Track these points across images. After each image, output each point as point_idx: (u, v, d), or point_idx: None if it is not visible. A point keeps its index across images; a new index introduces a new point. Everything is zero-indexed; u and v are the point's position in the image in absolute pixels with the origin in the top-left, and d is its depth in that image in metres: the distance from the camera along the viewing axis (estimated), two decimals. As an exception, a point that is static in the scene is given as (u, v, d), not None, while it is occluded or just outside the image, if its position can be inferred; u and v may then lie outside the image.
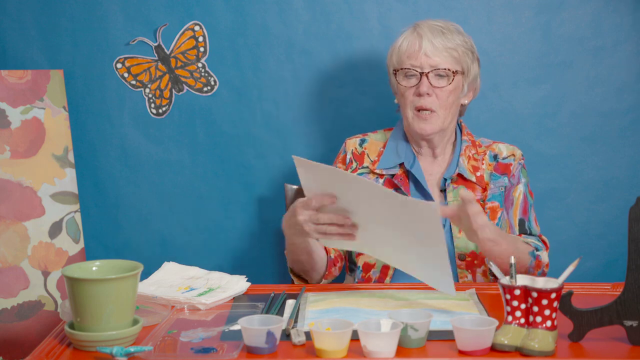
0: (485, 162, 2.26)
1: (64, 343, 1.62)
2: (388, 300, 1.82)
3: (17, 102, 2.61)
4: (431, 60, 2.17)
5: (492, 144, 2.30)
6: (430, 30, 2.19)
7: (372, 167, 2.26)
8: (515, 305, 1.54)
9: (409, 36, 2.21)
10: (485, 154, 2.27)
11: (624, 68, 2.68)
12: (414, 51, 2.18)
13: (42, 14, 2.68)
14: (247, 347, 1.53)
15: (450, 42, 2.18)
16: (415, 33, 2.20)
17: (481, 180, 2.22)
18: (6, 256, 2.58)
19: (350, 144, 2.33)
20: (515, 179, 2.26)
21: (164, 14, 2.67)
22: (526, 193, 2.27)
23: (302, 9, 2.68)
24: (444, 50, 2.17)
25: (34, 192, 2.61)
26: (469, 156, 2.25)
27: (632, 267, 1.54)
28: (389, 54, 2.27)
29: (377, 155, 2.28)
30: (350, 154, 2.30)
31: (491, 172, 2.24)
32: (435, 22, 2.22)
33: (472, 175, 2.21)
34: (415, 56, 2.18)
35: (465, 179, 2.21)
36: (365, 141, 2.33)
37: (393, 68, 2.24)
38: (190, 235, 2.78)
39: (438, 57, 2.17)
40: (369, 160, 2.28)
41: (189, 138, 2.74)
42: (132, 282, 1.58)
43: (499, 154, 2.27)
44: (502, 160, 2.27)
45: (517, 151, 2.29)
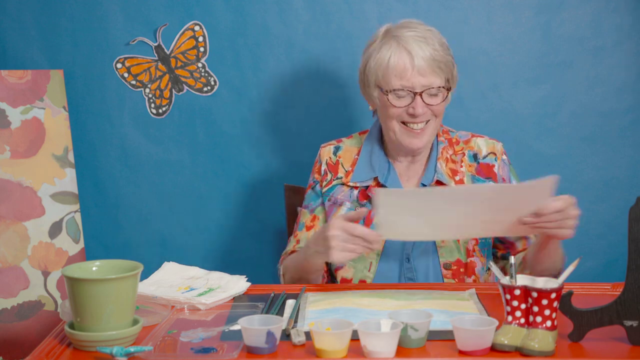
0: (465, 164, 2.16)
1: (64, 343, 1.62)
2: (388, 300, 1.82)
3: (17, 102, 2.61)
4: (424, 80, 2.05)
5: (470, 140, 2.20)
6: (417, 43, 2.05)
7: (346, 179, 2.18)
8: (515, 305, 1.54)
9: (395, 51, 2.06)
10: (464, 154, 2.18)
11: (624, 68, 2.68)
12: (404, 70, 2.05)
13: (42, 14, 2.68)
14: (247, 347, 1.53)
15: (437, 54, 2.05)
16: (402, 48, 2.05)
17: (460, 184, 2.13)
18: (6, 256, 2.58)
19: (325, 152, 2.24)
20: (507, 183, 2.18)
21: (164, 14, 2.67)
22: None
23: (302, 9, 2.68)
24: (435, 67, 2.05)
25: (34, 192, 2.61)
26: (447, 158, 2.16)
27: (632, 267, 1.54)
28: (370, 65, 2.10)
29: (351, 164, 2.20)
30: (324, 164, 2.22)
31: (472, 174, 2.16)
32: (414, 32, 2.08)
33: (450, 180, 2.12)
34: (406, 76, 2.05)
35: (444, 184, 2.12)
36: (339, 149, 2.24)
37: (378, 84, 2.10)
38: (190, 235, 2.78)
39: (430, 75, 2.05)
40: (343, 171, 2.20)
41: (189, 138, 2.74)
42: (132, 282, 1.58)
43: (479, 152, 2.18)
44: (482, 160, 2.17)
45: (497, 146, 2.19)
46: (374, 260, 2.11)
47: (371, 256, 2.11)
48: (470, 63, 2.67)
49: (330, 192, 2.19)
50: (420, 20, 2.13)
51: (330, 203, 2.18)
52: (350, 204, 2.16)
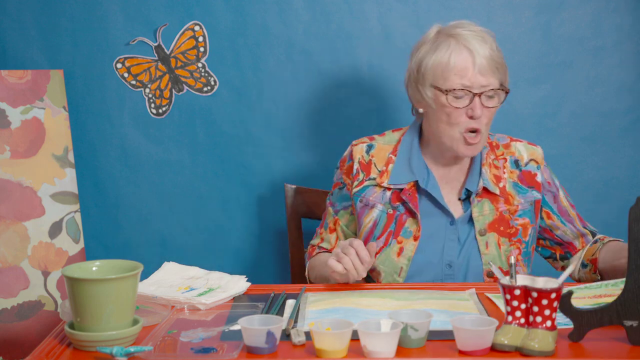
0: (507, 170, 2.13)
1: (64, 343, 1.61)
2: (388, 300, 1.82)
3: (17, 102, 2.61)
4: (483, 80, 2.00)
5: (509, 144, 2.17)
6: (477, 41, 2.01)
7: (380, 180, 2.13)
8: (515, 305, 1.53)
9: (455, 49, 2.01)
10: (505, 159, 2.15)
11: (624, 68, 2.68)
12: (466, 68, 2.00)
13: (42, 14, 2.68)
14: (247, 347, 1.53)
15: (494, 54, 2.03)
16: (462, 46, 2.01)
17: (504, 192, 2.11)
18: (6, 256, 2.58)
19: (357, 151, 2.18)
20: (553, 186, 2.18)
21: (164, 14, 2.67)
22: (567, 196, 2.20)
23: (302, 9, 2.68)
24: (493, 67, 2.02)
25: (34, 192, 2.61)
26: (490, 163, 2.12)
27: (632, 267, 1.54)
28: (427, 64, 2.05)
29: (385, 163, 2.15)
30: (357, 163, 2.17)
31: (514, 181, 2.13)
32: (472, 31, 2.04)
33: (495, 187, 2.10)
34: (467, 75, 2.00)
35: (489, 192, 2.10)
36: (372, 147, 2.18)
37: (435, 84, 2.04)
38: (190, 235, 2.78)
39: (490, 75, 2.02)
40: (376, 171, 2.15)
41: (189, 138, 2.74)
42: (132, 282, 1.58)
43: (520, 159, 2.15)
44: (524, 168, 2.14)
45: (537, 153, 2.17)
46: (404, 266, 2.09)
47: (401, 261, 2.09)
48: (470, 63, 2.66)
49: (362, 192, 2.15)
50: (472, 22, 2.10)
51: (362, 204, 2.15)
52: (382, 205, 2.13)
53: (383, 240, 2.12)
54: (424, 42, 2.09)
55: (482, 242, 2.08)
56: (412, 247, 2.09)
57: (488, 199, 2.10)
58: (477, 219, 2.09)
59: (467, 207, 2.12)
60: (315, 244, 2.27)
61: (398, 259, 2.09)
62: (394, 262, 2.10)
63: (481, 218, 2.09)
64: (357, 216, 2.17)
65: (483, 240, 2.08)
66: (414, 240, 2.09)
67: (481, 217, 2.09)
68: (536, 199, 2.14)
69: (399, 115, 2.70)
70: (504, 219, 2.10)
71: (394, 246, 2.10)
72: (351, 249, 1.91)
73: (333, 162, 2.71)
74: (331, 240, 2.24)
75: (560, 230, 2.19)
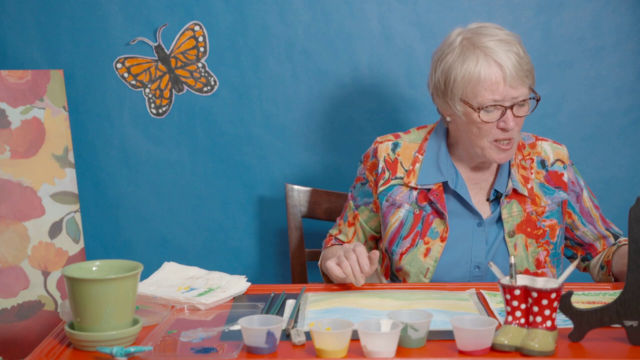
0: (534, 171, 2.11)
1: (64, 343, 1.61)
2: (388, 300, 1.82)
3: (17, 102, 2.61)
4: (514, 92, 1.96)
5: (535, 143, 2.14)
6: (504, 52, 1.96)
7: (407, 180, 2.10)
8: (515, 305, 1.54)
9: (484, 63, 1.95)
10: (532, 159, 2.12)
11: (624, 68, 2.68)
12: (496, 83, 1.95)
13: (42, 14, 2.68)
14: (247, 347, 1.53)
15: (522, 61, 1.97)
16: (491, 60, 1.95)
17: (531, 193, 2.08)
18: (6, 256, 2.58)
19: (382, 149, 2.14)
20: (577, 186, 2.15)
21: (164, 14, 2.67)
22: (591, 197, 2.18)
23: (302, 9, 2.68)
24: (523, 76, 1.97)
25: (34, 192, 2.61)
26: (518, 164, 2.10)
27: (632, 267, 1.54)
28: (456, 78, 1.98)
29: (412, 162, 2.12)
30: (382, 162, 2.13)
31: (541, 182, 2.10)
32: (494, 38, 1.98)
33: (524, 188, 2.07)
34: (498, 90, 1.95)
35: (518, 193, 2.08)
36: (398, 145, 2.14)
37: (464, 99, 1.99)
38: (190, 235, 2.78)
39: (520, 86, 1.97)
40: (403, 170, 2.12)
41: (189, 138, 2.74)
42: (132, 282, 1.58)
43: (546, 159, 2.12)
44: (551, 168, 2.12)
45: (563, 153, 2.14)
46: (430, 267, 2.08)
47: (428, 262, 2.08)
48: (470, 63, 2.66)
49: (388, 192, 2.13)
50: (494, 23, 2.05)
51: (388, 204, 2.13)
52: (409, 205, 2.11)
53: (410, 240, 2.10)
54: (448, 50, 2.02)
55: (511, 244, 2.07)
56: (439, 248, 2.08)
57: (516, 200, 2.08)
58: (507, 220, 2.07)
59: (494, 209, 2.10)
60: (333, 234, 2.27)
61: (425, 260, 2.08)
62: (421, 263, 2.08)
63: (510, 219, 2.07)
64: (383, 215, 2.15)
65: (512, 241, 2.07)
66: (441, 241, 2.08)
67: (510, 219, 2.07)
68: (563, 200, 2.11)
69: (399, 115, 2.70)
70: (531, 220, 2.08)
71: (420, 247, 2.09)
72: (353, 255, 1.90)
73: (333, 162, 2.71)
74: (349, 233, 2.23)
75: (580, 231, 2.17)
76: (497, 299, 1.85)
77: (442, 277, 2.08)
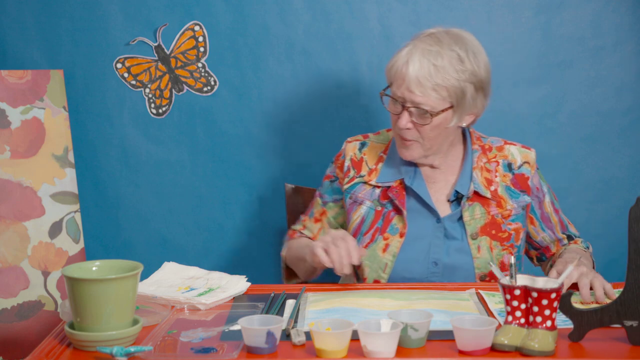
0: (499, 174, 2.12)
1: (64, 343, 1.61)
2: (388, 300, 1.82)
3: (17, 102, 2.61)
4: (413, 96, 1.97)
5: (503, 147, 2.16)
6: (421, 58, 1.97)
7: (368, 178, 2.14)
8: (515, 305, 1.54)
9: (400, 58, 2.00)
10: (497, 162, 2.13)
11: (624, 68, 2.68)
12: (399, 79, 1.99)
13: (42, 14, 2.68)
14: (247, 347, 1.53)
15: (438, 75, 1.96)
16: (406, 58, 1.99)
17: (495, 195, 2.09)
18: (6, 256, 2.58)
19: (350, 148, 2.19)
20: (540, 192, 2.16)
21: (164, 14, 2.67)
22: (553, 201, 2.20)
23: (302, 9, 2.68)
24: (428, 87, 1.96)
25: (34, 192, 2.61)
26: (482, 167, 2.11)
27: (632, 267, 1.54)
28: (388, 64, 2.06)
29: (375, 162, 2.16)
30: (348, 160, 2.18)
31: (507, 185, 2.11)
32: (432, 46, 1.98)
33: (487, 190, 2.08)
34: (398, 85, 2.00)
35: (481, 195, 2.09)
36: (365, 145, 2.20)
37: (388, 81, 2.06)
38: (190, 235, 2.78)
39: (422, 95, 1.97)
40: (367, 169, 2.16)
41: (189, 138, 2.74)
42: (132, 282, 1.58)
43: (513, 162, 2.13)
44: (517, 171, 2.13)
45: (530, 156, 2.15)
46: (389, 262, 2.10)
47: (387, 257, 2.10)
48: (470, 63, 2.66)
49: (352, 189, 2.16)
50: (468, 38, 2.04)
51: (351, 201, 2.16)
52: (371, 202, 2.14)
53: (370, 236, 2.12)
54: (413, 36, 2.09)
55: (474, 246, 2.08)
56: (397, 243, 2.09)
57: (479, 202, 2.09)
58: (469, 222, 2.08)
59: (455, 209, 2.11)
60: (297, 229, 2.27)
61: (383, 255, 2.10)
62: (379, 258, 2.10)
63: (472, 222, 2.08)
64: (347, 212, 2.18)
65: (475, 243, 2.08)
66: (399, 237, 2.09)
67: (472, 221, 2.08)
68: (527, 203, 2.13)
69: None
70: (496, 222, 2.09)
71: (379, 242, 2.11)
72: (343, 244, 1.89)
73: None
74: (314, 229, 2.23)
75: (540, 237, 2.19)
76: (496, 299, 1.85)
77: (401, 273, 2.10)
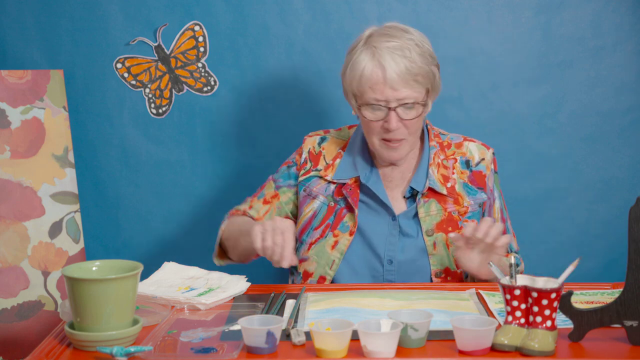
0: (457, 170, 2.12)
1: (64, 343, 1.61)
2: (388, 300, 1.82)
3: (17, 102, 2.61)
4: (398, 94, 1.98)
5: (462, 143, 2.16)
6: (391, 55, 1.98)
7: (324, 173, 2.14)
8: (515, 305, 1.54)
9: (368, 62, 2.00)
10: (455, 160, 2.13)
11: (624, 68, 2.68)
12: (377, 83, 1.98)
13: (42, 14, 2.68)
14: (247, 347, 1.53)
15: (413, 66, 1.98)
16: (376, 61, 1.99)
17: (452, 192, 2.09)
18: (6, 256, 2.58)
19: (309, 142, 2.21)
20: (491, 195, 2.16)
21: (164, 14, 2.67)
22: (502, 208, 2.19)
23: (302, 9, 2.68)
24: (410, 79, 1.98)
25: (34, 192, 2.61)
26: (439, 164, 2.11)
27: (632, 267, 1.54)
28: (347, 72, 2.04)
29: (333, 157, 2.16)
30: (306, 153, 2.19)
31: (464, 182, 2.12)
32: (393, 42, 1.99)
33: (442, 187, 2.08)
34: (380, 90, 1.98)
35: (437, 192, 2.09)
36: (325, 140, 2.20)
37: (353, 93, 2.05)
38: (190, 235, 2.78)
39: (405, 89, 1.98)
40: (324, 163, 2.16)
41: (189, 138, 2.74)
42: (132, 282, 1.58)
43: (471, 159, 2.13)
44: (475, 168, 2.13)
45: (487, 154, 2.16)
46: (336, 259, 2.09)
47: (334, 254, 2.10)
48: (470, 63, 2.67)
49: (307, 182, 2.17)
50: (405, 26, 2.06)
51: (305, 194, 2.17)
52: (324, 197, 2.14)
53: (320, 231, 2.12)
54: (355, 45, 2.07)
55: (430, 242, 2.08)
56: (346, 241, 2.09)
57: (435, 199, 2.09)
58: (424, 219, 2.08)
59: (410, 205, 2.11)
60: (241, 209, 2.24)
61: (331, 252, 2.10)
62: (328, 255, 2.10)
63: (428, 218, 2.08)
64: (299, 204, 2.18)
65: (430, 240, 2.08)
66: (349, 235, 2.09)
67: (428, 218, 2.08)
68: (484, 201, 2.13)
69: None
70: (453, 219, 2.09)
71: (329, 239, 2.11)
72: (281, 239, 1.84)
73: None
74: (260, 211, 2.21)
75: None
76: (496, 299, 1.85)
77: (350, 270, 2.09)
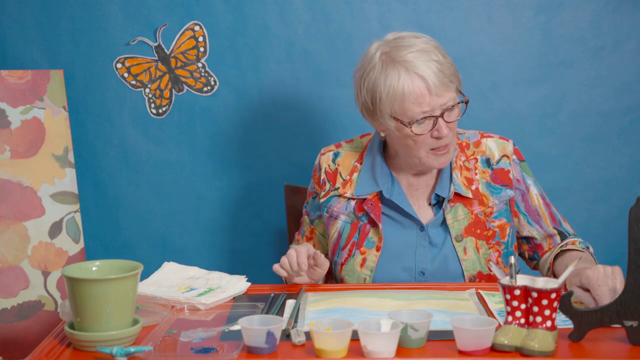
0: (479, 170, 2.08)
1: (64, 343, 1.62)
2: (388, 300, 1.82)
3: (17, 102, 2.61)
4: (441, 100, 1.93)
5: (480, 141, 2.11)
6: (424, 63, 1.93)
7: (342, 191, 2.10)
8: (515, 305, 1.54)
9: (406, 78, 1.93)
10: (476, 159, 2.09)
11: (624, 68, 2.68)
12: (421, 95, 1.92)
13: (42, 14, 2.68)
14: (247, 347, 1.53)
15: (443, 66, 1.94)
16: (412, 73, 1.93)
17: (477, 194, 2.05)
18: (6, 256, 2.58)
19: (324, 160, 2.16)
20: (523, 184, 2.12)
21: (164, 14, 2.67)
22: (542, 194, 2.15)
23: (302, 9, 2.68)
24: (447, 81, 1.94)
25: (34, 192, 2.61)
26: (461, 166, 2.07)
27: (632, 267, 1.54)
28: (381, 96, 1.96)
29: (350, 172, 2.12)
30: (323, 173, 2.15)
31: (487, 181, 2.08)
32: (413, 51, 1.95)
33: (468, 190, 2.04)
34: (426, 101, 1.93)
35: (462, 196, 2.05)
36: (338, 155, 2.16)
37: (393, 115, 1.97)
38: (190, 235, 2.78)
39: (446, 92, 1.94)
40: (341, 180, 2.12)
41: (189, 138, 2.74)
42: (132, 282, 1.58)
43: (491, 156, 2.09)
44: (496, 166, 2.09)
45: (507, 148, 2.11)
46: (367, 277, 2.07)
47: (364, 272, 2.07)
48: (470, 63, 2.67)
49: (328, 202, 2.14)
50: (408, 32, 2.03)
51: (328, 215, 2.14)
52: (345, 216, 2.10)
53: (347, 251, 2.10)
54: (369, 67, 2.01)
55: (460, 248, 2.04)
56: (374, 257, 2.06)
57: (461, 203, 2.06)
58: (452, 225, 2.05)
59: (437, 212, 2.07)
60: None
61: (361, 270, 2.07)
62: (358, 273, 2.08)
63: (456, 224, 2.05)
64: (325, 227, 2.16)
65: (460, 245, 2.04)
66: (376, 251, 2.06)
67: (456, 223, 2.05)
68: (510, 197, 2.09)
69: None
70: (480, 221, 2.06)
71: (357, 257, 2.08)
72: (293, 252, 1.96)
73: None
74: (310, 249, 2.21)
75: (526, 231, 2.14)
76: (496, 299, 1.85)
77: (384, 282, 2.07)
